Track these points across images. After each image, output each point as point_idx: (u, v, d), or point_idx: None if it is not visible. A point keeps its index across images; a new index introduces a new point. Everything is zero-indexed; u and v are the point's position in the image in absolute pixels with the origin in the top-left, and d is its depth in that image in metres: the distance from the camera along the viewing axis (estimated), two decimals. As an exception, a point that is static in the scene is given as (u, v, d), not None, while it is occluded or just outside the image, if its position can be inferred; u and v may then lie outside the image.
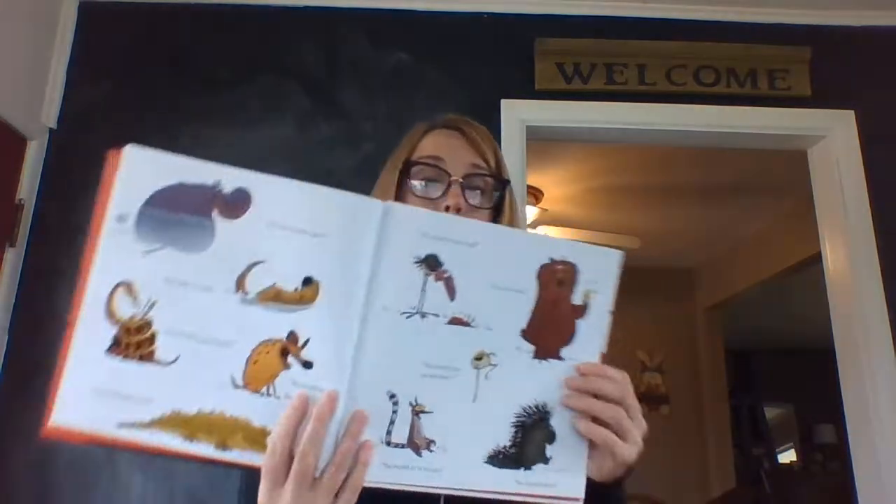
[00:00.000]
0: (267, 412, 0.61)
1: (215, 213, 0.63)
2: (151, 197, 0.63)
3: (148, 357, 0.60)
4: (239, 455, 0.60)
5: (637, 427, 0.67)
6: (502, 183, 0.91)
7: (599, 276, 0.70)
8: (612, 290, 0.71)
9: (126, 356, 0.60)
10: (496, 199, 0.91)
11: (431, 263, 0.66)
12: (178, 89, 2.01)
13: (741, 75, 2.04)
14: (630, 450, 0.66)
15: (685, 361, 4.85)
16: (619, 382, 0.68)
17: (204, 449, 0.60)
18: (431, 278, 0.66)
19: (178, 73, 2.03)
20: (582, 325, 0.70)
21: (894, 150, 2.04)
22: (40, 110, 1.93)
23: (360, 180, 2.19)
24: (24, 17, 1.87)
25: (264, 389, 0.61)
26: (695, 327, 4.93)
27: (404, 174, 0.92)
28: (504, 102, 2.01)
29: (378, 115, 2.01)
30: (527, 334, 0.68)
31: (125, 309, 0.61)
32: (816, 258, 2.21)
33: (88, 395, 0.59)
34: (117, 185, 0.63)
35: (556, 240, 0.81)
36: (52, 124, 1.96)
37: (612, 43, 2.06)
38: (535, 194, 3.51)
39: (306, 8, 2.07)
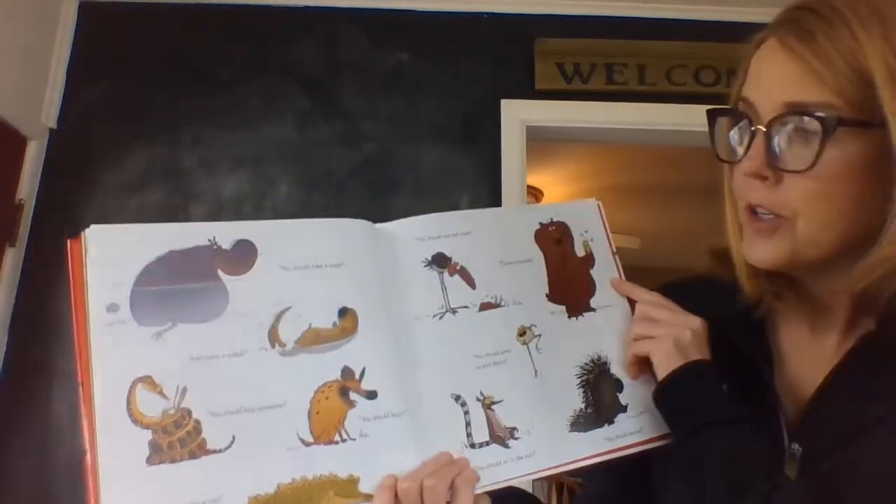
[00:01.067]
0: (349, 459, 0.57)
1: (221, 273, 0.58)
2: (142, 274, 0.56)
3: (199, 450, 0.53)
4: None
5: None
6: (828, 122, 0.55)
7: (588, 224, 0.74)
8: (604, 233, 0.74)
9: (173, 459, 0.52)
10: (818, 146, 0.55)
11: (440, 261, 0.67)
12: (178, 89, 2.01)
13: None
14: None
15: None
16: (656, 304, 0.69)
17: None
18: (446, 274, 0.67)
19: (178, 73, 2.02)
20: (595, 273, 0.72)
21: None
22: (40, 110, 1.93)
23: (360, 180, 2.20)
24: (24, 17, 1.87)
25: (337, 436, 0.57)
26: (695, 327, 4.93)
27: (711, 124, 0.65)
28: (504, 102, 2.01)
29: (378, 115, 2.01)
30: (552, 297, 0.70)
31: (153, 407, 0.53)
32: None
33: None
34: (93, 273, 0.55)
35: (537, 206, 0.84)
36: (52, 124, 1.96)
37: (612, 43, 2.05)
38: (535, 194, 3.51)
39: (306, 8, 2.07)
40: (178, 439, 0.53)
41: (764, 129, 0.59)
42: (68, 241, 0.56)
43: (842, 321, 0.64)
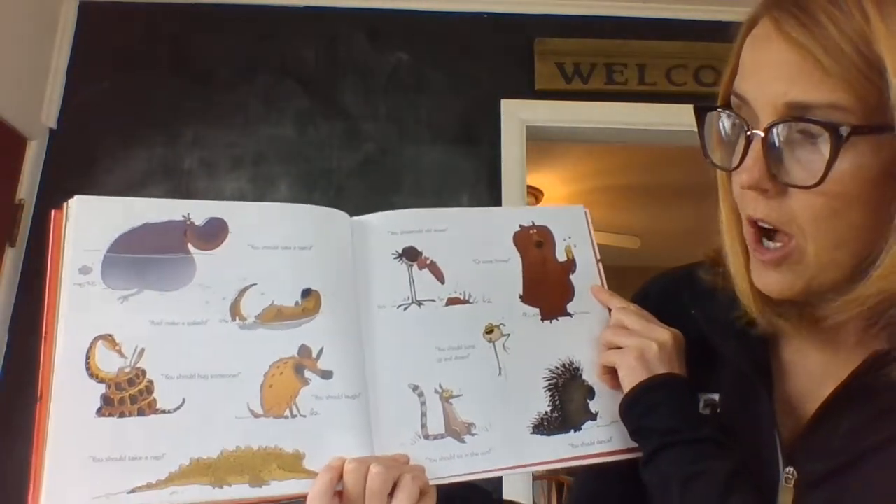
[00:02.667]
0: (296, 435, 0.57)
1: (191, 247, 0.60)
2: (116, 242, 0.59)
3: (148, 408, 0.55)
4: (278, 487, 0.55)
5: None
6: (839, 132, 0.47)
7: (572, 230, 0.73)
8: (589, 240, 0.73)
9: (122, 413, 0.54)
10: (827, 158, 0.48)
11: (410, 254, 0.67)
12: (178, 89, 2.01)
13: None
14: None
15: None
16: (634, 315, 0.67)
17: (238, 491, 0.54)
18: (415, 267, 0.67)
19: (178, 73, 2.02)
20: (576, 279, 0.71)
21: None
22: (40, 110, 1.93)
23: (360, 180, 2.20)
24: (24, 17, 1.87)
25: (287, 411, 0.58)
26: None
27: (700, 122, 0.59)
28: (504, 102, 2.01)
29: (378, 115, 2.01)
30: (526, 299, 0.69)
31: (110, 363, 0.55)
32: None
33: (86, 468, 0.52)
34: (70, 237, 0.58)
35: (520, 208, 0.84)
36: (52, 124, 1.96)
37: (612, 43, 2.06)
38: (535, 194, 3.51)
39: (306, 8, 2.07)
40: (129, 396, 0.55)
41: (762, 135, 0.51)
42: (52, 212, 0.59)
43: (850, 338, 0.58)
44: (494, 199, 1.94)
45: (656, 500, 0.60)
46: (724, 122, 0.57)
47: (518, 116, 2.01)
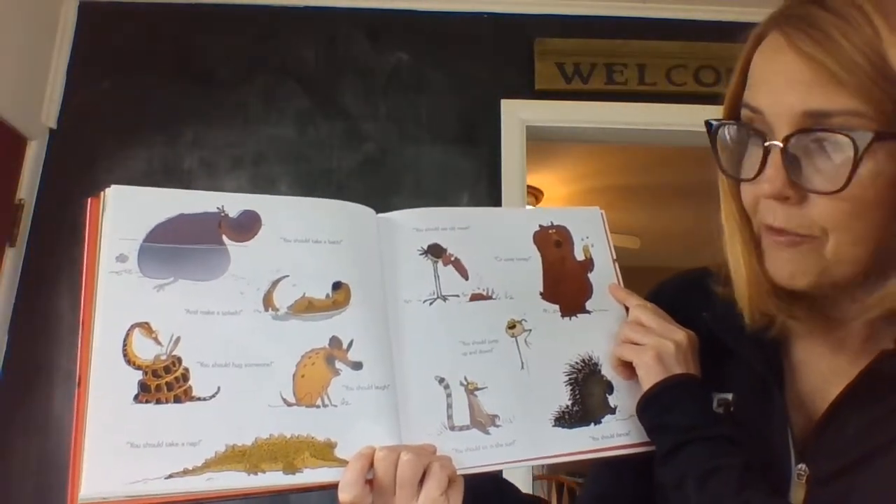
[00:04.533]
0: (328, 424, 0.58)
1: (225, 238, 0.62)
2: (152, 231, 0.60)
3: (184, 396, 0.55)
4: (311, 475, 0.56)
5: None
6: (860, 139, 0.49)
7: (589, 231, 0.75)
8: (605, 241, 0.75)
9: (159, 400, 0.55)
10: (851, 165, 0.49)
11: (435, 251, 0.69)
12: (178, 89, 2.01)
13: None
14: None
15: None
16: (650, 313, 0.68)
17: (272, 478, 0.55)
18: (440, 264, 0.68)
19: (178, 73, 2.03)
20: (594, 277, 0.73)
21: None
22: (40, 110, 1.93)
23: (360, 180, 2.20)
24: (24, 17, 1.87)
25: (319, 401, 0.59)
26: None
27: (713, 135, 0.59)
28: (504, 102, 2.01)
29: (378, 115, 2.01)
30: (547, 296, 0.71)
31: (147, 351, 0.56)
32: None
33: (124, 453, 0.53)
34: (108, 226, 0.59)
35: (540, 209, 0.85)
36: (52, 124, 1.96)
37: (612, 43, 2.06)
38: (535, 194, 3.51)
39: (306, 8, 2.07)
40: (165, 383, 0.55)
41: (780, 146, 0.52)
42: (89, 200, 0.60)
43: (858, 337, 0.59)
44: (494, 199, 1.94)
45: (672, 496, 0.61)
46: (736, 135, 0.58)
47: (518, 116, 2.01)
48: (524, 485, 1.75)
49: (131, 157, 1.95)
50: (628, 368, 0.68)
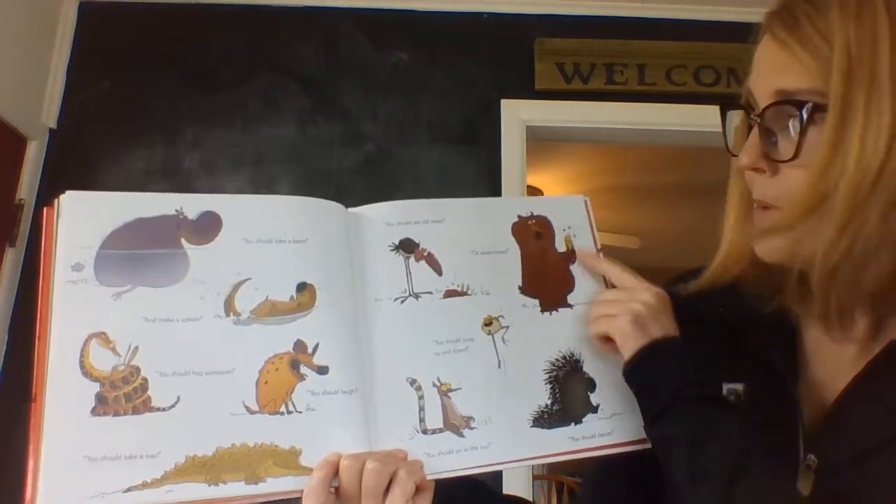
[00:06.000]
0: (293, 431, 0.57)
1: (184, 241, 0.60)
2: (108, 237, 0.58)
3: (143, 406, 0.54)
4: (274, 484, 0.55)
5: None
6: (805, 108, 0.53)
7: (572, 220, 0.72)
8: (589, 230, 0.72)
9: (117, 412, 0.53)
10: (798, 133, 0.54)
11: (407, 246, 0.66)
12: (178, 89, 2.01)
13: (741, 75, 2.03)
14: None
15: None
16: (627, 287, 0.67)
17: (234, 489, 0.54)
18: (412, 259, 0.66)
19: (178, 73, 2.02)
20: (576, 269, 0.70)
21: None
22: (40, 110, 1.93)
23: (360, 180, 2.20)
24: (24, 17, 1.87)
25: (283, 408, 0.57)
26: (695, 327, 4.92)
27: (723, 119, 0.65)
28: (504, 102, 2.01)
29: (378, 115, 2.01)
30: (526, 290, 0.68)
31: (104, 362, 0.55)
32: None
33: (81, 468, 0.52)
34: (63, 234, 0.58)
35: (519, 199, 0.82)
36: (52, 124, 1.96)
37: (612, 43, 2.06)
38: (535, 194, 3.51)
39: (306, 8, 2.07)
40: (123, 394, 0.54)
41: (757, 121, 0.57)
42: (45, 209, 0.58)
43: (865, 328, 0.59)
44: (494, 199, 1.94)
45: (663, 460, 0.60)
46: (738, 116, 0.64)
47: (518, 116, 2.01)
48: (524, 485, 1.75)
49: (131, 157, 1.94)
50: (610, 342, 0.66)
